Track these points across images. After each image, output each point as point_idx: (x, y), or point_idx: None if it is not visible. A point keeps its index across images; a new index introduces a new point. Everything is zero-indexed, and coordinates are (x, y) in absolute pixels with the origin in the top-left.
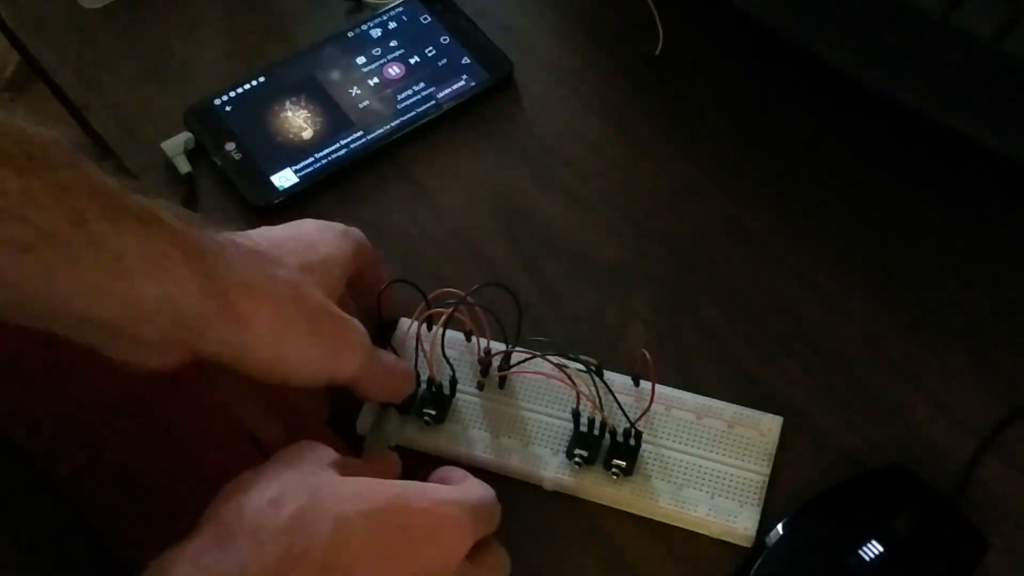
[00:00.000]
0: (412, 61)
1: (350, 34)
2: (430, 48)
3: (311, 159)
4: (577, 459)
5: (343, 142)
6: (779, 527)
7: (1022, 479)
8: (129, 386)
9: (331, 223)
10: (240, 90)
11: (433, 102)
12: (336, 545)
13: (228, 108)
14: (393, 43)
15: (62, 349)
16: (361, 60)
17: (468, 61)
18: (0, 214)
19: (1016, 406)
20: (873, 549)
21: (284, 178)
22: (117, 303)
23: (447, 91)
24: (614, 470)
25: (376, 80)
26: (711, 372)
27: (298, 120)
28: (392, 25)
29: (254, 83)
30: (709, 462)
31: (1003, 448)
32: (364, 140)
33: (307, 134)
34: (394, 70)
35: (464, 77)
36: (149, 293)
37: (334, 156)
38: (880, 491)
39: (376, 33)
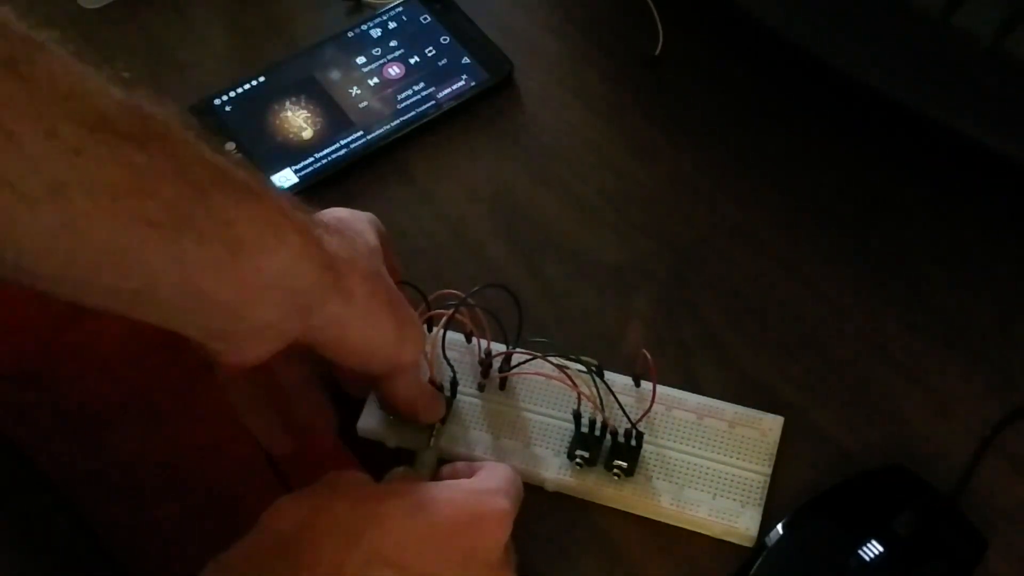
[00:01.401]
0: (412, 61)
1: (350, 34)
2: (430, 48)
3: (311, 159)
4: (578, 460)
5: (343, 142)
6: (779, 527)
7: (1022, 479)
8: (130, 387)
9: (358, 211)
10: (240, 90)
11: (433, 102)
12: (383, 536)
13: (228, 108)
14: (393, 43)
15: (63, 350)
16: (361, 60)
17: (468, 61)
18: (130, 191)
19: (1016, 406)
20: (873, 549)
21: (284, 178)
22: (239, 279)
23: (447, 91)
24: (615, 471)
25: (376, 80)
26: (711, 372)
27: (298, 120)
28: (392, 25)
29: (254, 83)
30: (710, 462)
31: (1003, 448)
32: (364, 140)
33: (307, 134)
34: (394, 70)
35: (464, 77)
36: (268, 266)
37: (334, 156)
38: (880, 491)
39: (376, 33)
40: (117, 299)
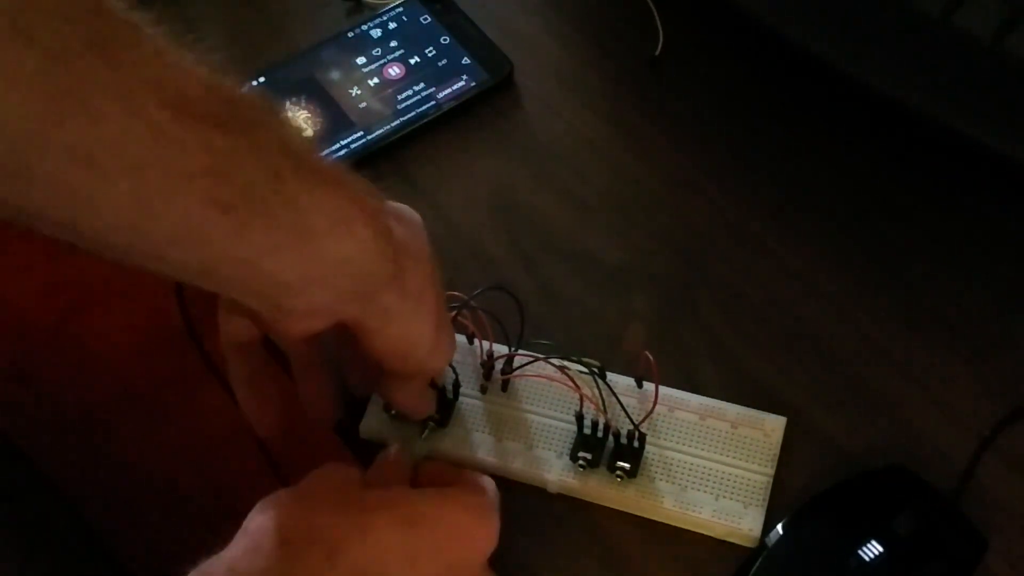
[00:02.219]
0: (412, 61)
1: (350, 34)
2: (430, 48)
3: None
4: (581, 462)
5: (343, 142)
6: (779, 527)
7: (1022, 479)
8: (130, 386)
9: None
10: None
11: (433, 102)
12: (366, 549)
13: None
14: (393, 43)
15: (63, 348)
16: (361, 60)
17: (468, 61)
18: (207, 173)
19: (1016, 406)
20: (873, 549)
21: None
22: (304, 263)
23: (447, 91)
24: (618, 472)
25: (376, 80)
26: (713, 373)
27: (298, 120)
28: (392, 25)
29: (254, 83)
30: (713, 463)
31: (1003, 448)
32: (364, 140)
33: (307, 134)
34: (394, 70)
35: (464, 77)
36: (333, 253)
37: (334, 156)
38: (880, 491)
39: (376, 33)
40: (180, 271)
